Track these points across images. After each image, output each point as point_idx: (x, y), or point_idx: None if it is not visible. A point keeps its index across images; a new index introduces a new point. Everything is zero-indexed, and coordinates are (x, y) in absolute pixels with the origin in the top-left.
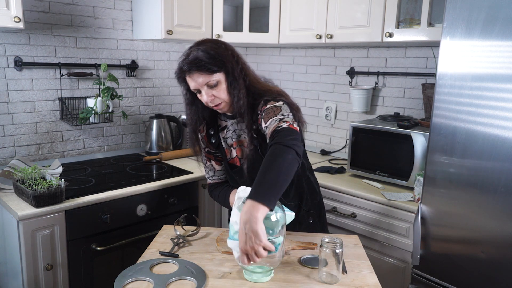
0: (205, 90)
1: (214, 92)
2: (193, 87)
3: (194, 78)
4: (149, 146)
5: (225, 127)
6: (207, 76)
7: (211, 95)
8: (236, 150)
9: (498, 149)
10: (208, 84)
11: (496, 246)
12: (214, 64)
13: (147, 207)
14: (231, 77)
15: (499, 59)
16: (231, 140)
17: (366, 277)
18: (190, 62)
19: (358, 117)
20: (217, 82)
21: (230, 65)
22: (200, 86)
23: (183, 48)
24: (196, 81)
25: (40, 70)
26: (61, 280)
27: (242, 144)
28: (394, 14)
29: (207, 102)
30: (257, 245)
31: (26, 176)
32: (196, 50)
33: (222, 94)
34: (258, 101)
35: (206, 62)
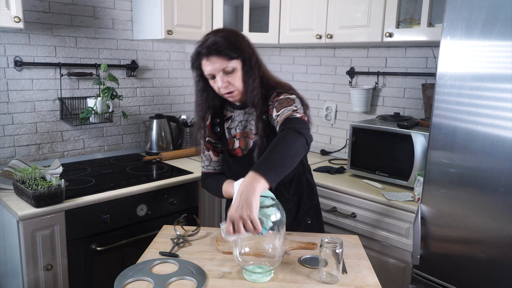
0: (220, 76)
1: (229, 79)
2: (208, 71)
3: (212, 62)
4: (149, 146)
5: (229, 118)
6: (225, 61)
7: (226, 82)
8: (239, 141)
9: (498, 149)
10: (224, 70)
11: (496, 246)
12: (233, 50)
13: (147, 207)
14: (247, 66)
15: (499, 59)
16: (235, 131)
17: (366, 277)
18: (209, 46)
19: (358, 117)
20: (233, 69)
21: (247, 54)
22: (216, 71)
23: (183, 48)
24: (213, 66)
25: (40, 70)
26: (61, 280)
27: (247, 136)
28: (394, 14)
29: (220, 88)
30: (246, 215)
31: (26, 176)
32: (215, 35)
33: (236, 81)
34: (271, 93)
35: (225, 47)
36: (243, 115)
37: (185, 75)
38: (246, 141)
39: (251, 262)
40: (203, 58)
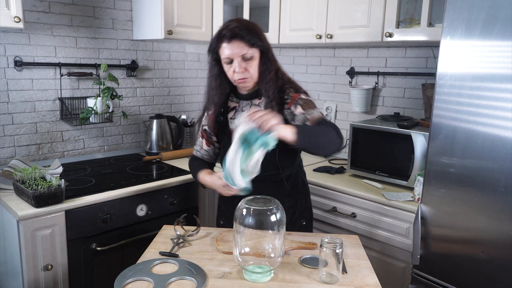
0: (238, 61)
1: (246, 65)
2: (227, 55)
3: (233, 45)
4: (149, 146)
5: (233, 108)
6: (246, 47)
7: (243, 67)
8: None
9: (498, 149)
10: (243, 56)
11: (496, 246)
12: (255, 38)
13: (147, 207)
14: (265, 57)
15: (499, 59)
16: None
17: (366, 277)
18: (233, 29)
19: (358, 117)
20: (251, 57)
21: (266, 45)
22: (235, 56)
23: (183, 48)
24: (233, 50)
25: (40, 70)
26: (61, 280)
27: None
28: (394, 14)
29: (236, 73)
30: (270, 117)
31: (26, 176)
32: (238, 22)
33: (252, 69)
34: (286, 87)
35: (247, 34)
36: (249, 106)
37: (185, 75)
38: None
39: (251, 262)
40: (224, 41)
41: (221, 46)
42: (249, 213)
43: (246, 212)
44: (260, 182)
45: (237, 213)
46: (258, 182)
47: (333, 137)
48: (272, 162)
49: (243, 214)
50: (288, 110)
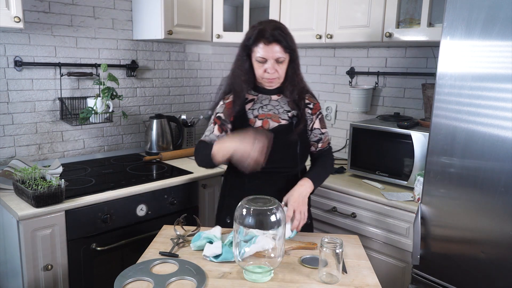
0: (271, 63)
1: (277, 67)
2: (263, 55)
3: (271, 48)
4: (149, 146)
5: (251, 100)
6: (282, 51)
7: (274, 69)
8: (262, 122)
9: (498, 149)
10: (277, 58)
11: (496, 246)
12: (290, 44)
13: (147, 207)
14: (294, 62)
15: (499, 59)
16: (257, 111)
17: (366, 277)
18: (273, 33)
19: (358, 117)
20: (283, 61)
21: (297, 51)
22: (270, 58)
23: (183, 48)
24: (270, 52)
25: (40, 70)
26: (61, 280)
27: (270, 117)
28: (394, 14)
29: (266, 72)
30: (303, 209)
31: (26, 176)
32: (276, 25)
33: (281, 71)
34: (305, 90)
35: (285, 39)
36: (269, 100)
37: (185, 75)
38: (269, 122)
39: (251, 262)
40: (263, 41)
41: (258, 45)
42: (249, 213)
43: (246, 212)
44: (275, 174)
45: (237, 213)
46: (273, 173)
47: (331, 171)
48: (292, 155)
49: (243, 214)
50: (310, 115)
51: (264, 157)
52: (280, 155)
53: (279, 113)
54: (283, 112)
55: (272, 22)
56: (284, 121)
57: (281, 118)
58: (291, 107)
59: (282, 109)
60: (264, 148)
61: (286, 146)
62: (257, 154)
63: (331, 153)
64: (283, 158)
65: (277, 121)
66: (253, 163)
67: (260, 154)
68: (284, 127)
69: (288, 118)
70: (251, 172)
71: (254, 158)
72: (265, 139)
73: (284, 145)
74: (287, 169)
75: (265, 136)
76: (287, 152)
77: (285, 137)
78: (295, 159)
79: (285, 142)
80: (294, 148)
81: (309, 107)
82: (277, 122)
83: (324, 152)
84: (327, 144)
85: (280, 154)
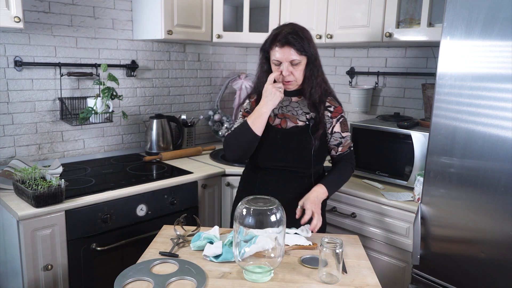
0: (286, 65)
1: (292, 69)
2: (277, 57)
3: (284, 51)
4: (149, 146)
5: None
6: (295, 54)
7: (289, 71)
8: (281, 120)
9: (498, 149)
10: (292, 61)
11: (496, 246)
12: (305, 46)
13: (147, 207)
14: (311, 64)
15: (499, 59)
16: (277, 111)
17: (366, 277)
18: (286, 36)
19: (358, 117)
20: (299, 63)
21: (314, 53)
22: (284, 60)
23: (183, 48)
24: (284, 55)
25: (40, 70)
26: (61, 280)
27: (288, 118)
28: (394, 14)
29: (281, 74)
30: (318, 210)
31: (26, 176)
32: (292, 28)
33: (297, 73)
34: (328, 92)
35: (299, 41)
36: (289, 101)
37: (185, 75)
38: (286, 121)
39: (251, 262)
40: (277, 45)
41: (273, 48)
42: (249, 213)
43: (246, 212)
44: (287, 172)
45: (237, 213)
46: (285, 171)
47: (349, 176)
48: (306, 156)
49: (243, 214)
50: (330, 119)
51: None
52: (294, 155)
53: (297, 114)
54: (301, 114)
55: (289, 25)
56: (301, 123)
57: (299, 119)
58: (310, 110)
59: (301, 110)
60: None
61: (301, 146)
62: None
63: (352, 157)
64: (297, 158)
65: (295, 122)
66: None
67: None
68: (300, 129)
69: (306, 120)
70: (264, 167)
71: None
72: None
73: (298, 145)
74: (300, 169)
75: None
76: (301, 152)
77: (301, 138)
78: (309, 161)
79: (300, 142)
80: (309, 150)
81: (329, 110)
82: (295, 123)
83: (345, 156)
84: (347, 148)
85: (294, 154)
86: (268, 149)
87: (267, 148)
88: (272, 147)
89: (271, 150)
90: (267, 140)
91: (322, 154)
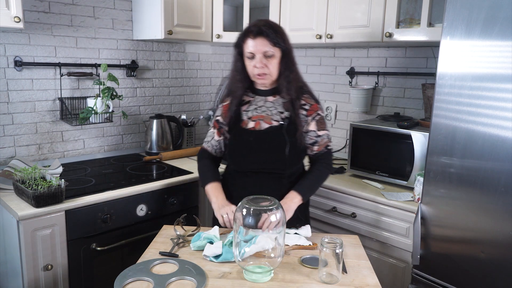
0: (259, 57)
1: (266, 62)
2: (250, 49)
3: (257, 42)
4: (149, 146)
5: (248, 102)
6: (269, 45)
7: (263, 63)
8: (254, 123)
9: (498, 149)
10: (265, 53)
11: (496, 246)
12: (278, 38)
13: (147, 207)
14: (286, 58)
15: (499, 59)
16: (251, 113)
17: (366, 277)
18: (259, 27)
19: (358, 117)
20: (272, 55)
21: (288, 47)
22: (257, 52)
23: (183, 48)
24: (257, 46)
25: (40, 70)
26: (61, 280)
27: (262, 119)
28: (394, 14)
29: (256, 68)
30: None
31: (26, 176)
32: (266, 21)
33: (271, 67)
34: (304, 90)
35: (272, 33)
36: (264, 101)
37: (185, 75)
38: (260, 123)
39: (251, 262)
40: (250, 36)
41: (246, 41)
42: (249, 213)
43: (246, 212)
44: (263, 174)
45: (237, 213)
46: (261, 173)
47: (326, 178)
48: (280, 157)
49: (243, 214)
50: (305, 117)
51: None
52: (268, 156)
53: (272, 114)
54: (276, 113)
55: (263, 20)
56: (275, 122)
57: (273, 119)
58: (286, 108)
59: (275, 110)
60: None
61: (274, 148)
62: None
63: (329, 158)
64: (271, 159)
65: (269, 122)
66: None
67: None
68: (275, 129)
69: (280, 119)
70: (241, 170)
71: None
72: (231, 213)
73: (272, 147)
74: (276, 170)
75: (231, 211)
76: (274, 154)
77: (274, 139)
78: (284, 162)
79: (273, 144)
80: (283, 151)
81: (304, 108)
82: (269, 124)
83: (321, 156)
84: (324, 147)
85: (267, 156)
86: (242, 152)
87: (241, 151)
88: (246, 150)
89: (245, 153)
90: (240, 143)
91: (299, 154)
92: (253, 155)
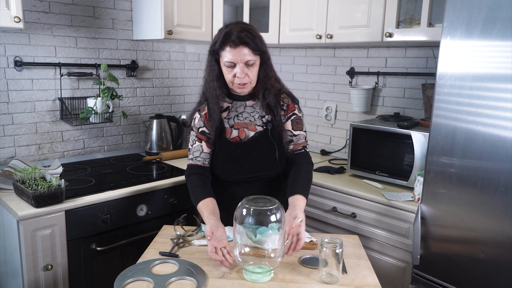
0: (240, 67)
1: (247, 71)
2: (230, 59)
3: (239, 51)
4: (149, 146)
5: (226, 109)
6: (251, 54)
7: (245, 73)
8: (238, 131)
9: (498, 149)
10: (247, 62)
11: (496, 246)
12: (259, 46)
13: (147, 207)
14: (265, 64)
15: (499, 59)
16: (233, 120)
17: (366, 277)
18: (240, 35)
19: (358, 117)
20: (253, 63)
21: (267, 54)
22: (239, 61)
23: (183, 48)
24: (237, 55)
25: (40, 70)
26: (61, 280)
27: (246, 126)
28: (394, 14)
29: (237, 78)
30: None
31: (26, 176)
32: (243, 27)
33: (252, 75)
34: (284, 91)
35: (253, 41)
36: (244, 107)
37: (185, 75)
38: (245, 131)
39: (251, 262)
40: (229, 45)
41: (225, 49)
42: (249, 213)
43: (246, 212)
44: (255, 181)
45: (237, 213)
46: (252, 181)
47: (312, 173)
48: (271, 162)
49: (243, 214)
50: (283, 117)
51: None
52: (259, 164)
53: (254, 119)
54: (258, 118)
55: (239, 23)
56: (259, 128)
57: (257, 125)
58: (266, 112)
59: (257, 114)
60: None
61: (264, 155)
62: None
63: (309, 156)
64: (263, 166)
65: (253, 129)
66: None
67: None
68: (260, 135)
69: (263, 124)
70: (231, 180)
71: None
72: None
73: (262, 154)
74: (268, 175)
75: (224, 245)
76: (265, 160)
77: (262, 146)
78: (275, 165)
79: (262, 151)
80: (273, 155)
81: (283, 108)
82: (253, 131)
83: (298, 155)
84: (300, 147)
85: (258, 164)
86: (231, 165)
87: (230, 164)
88: (234, 162)
89: (234, 165)
90: (227, 157)
91: (286, 155)
92: (244, 167)
